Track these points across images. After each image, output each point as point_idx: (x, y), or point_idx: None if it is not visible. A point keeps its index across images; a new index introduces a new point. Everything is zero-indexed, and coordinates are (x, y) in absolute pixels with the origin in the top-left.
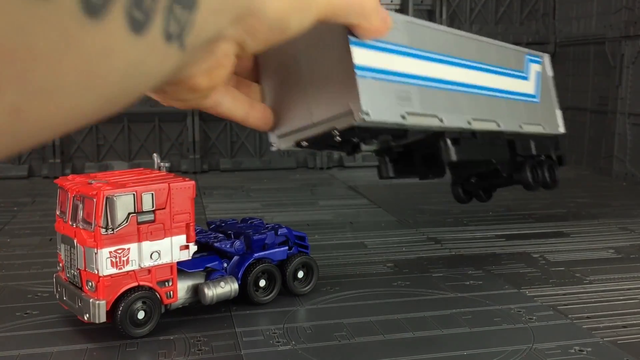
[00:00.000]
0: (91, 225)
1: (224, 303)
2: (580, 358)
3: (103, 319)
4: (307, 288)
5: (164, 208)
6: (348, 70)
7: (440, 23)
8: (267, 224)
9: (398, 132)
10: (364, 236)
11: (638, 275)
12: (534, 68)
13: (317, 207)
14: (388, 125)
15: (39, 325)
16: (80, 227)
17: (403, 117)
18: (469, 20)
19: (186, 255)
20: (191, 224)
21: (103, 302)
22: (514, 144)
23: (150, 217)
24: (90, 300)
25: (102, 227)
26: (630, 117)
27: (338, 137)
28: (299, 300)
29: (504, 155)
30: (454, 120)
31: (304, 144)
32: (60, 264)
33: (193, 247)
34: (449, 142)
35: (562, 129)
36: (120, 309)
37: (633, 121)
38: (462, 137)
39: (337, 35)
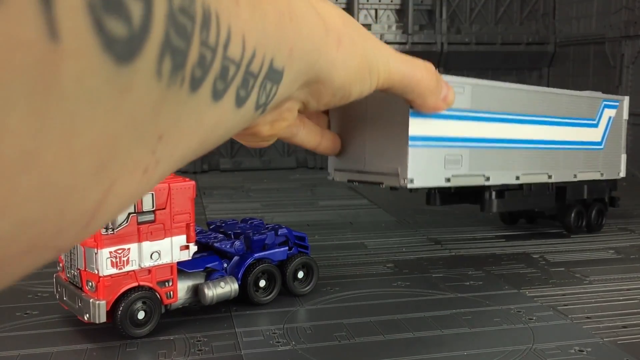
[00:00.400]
0: None
1: (224, 303)
2: (580, 358)
3: (103, 319)
4: (307, 288)
5: (164, 208)
6: (403, 136)
7: (440, 23)
8: (267, 224)
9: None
10: (364, 236)
11: (638, 276)
12: (608, 113)
13: (317, 207)
14: (432, 186)
15: (39, 325)
16: None
17: (448, 180)
18: (469, 20)
19: (186, 256)
20: (191, 224)
21: (103, 302)
22: (564, 189)
23: (151, 217)
24: (91, 301)
25: (102, 227)
26: (630, 117)
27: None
28: (299, 300)
29: (550, 204)
30: (501, 177)
31: (356, 183)
32: (61, 264)
33: (193, 248)
34: (493, 194)
35: (622, 174)
36: (120, 309)
37: (633, 121)
38: (508, 188)
39: (401, 102)
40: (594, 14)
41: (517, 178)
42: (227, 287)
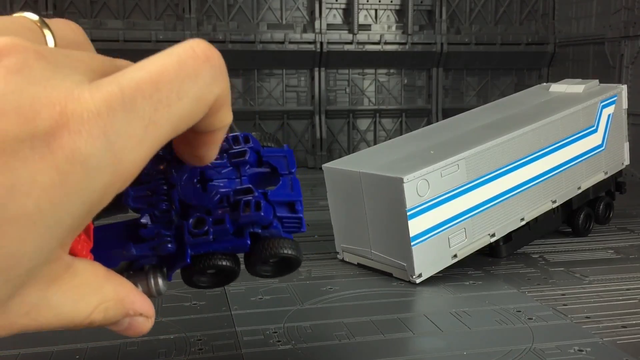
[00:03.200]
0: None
1: (224, 303)
2: (580, 358)
3: None
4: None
5: None
6: (404, 234)
7: (440, 23)
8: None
9: None
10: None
11: (638, 276)
12: (607, 112)
13: (317, 207)
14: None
15: None
16: None
17: (455, 256)
18: (468, 20)
19: None
20: None
21: None
22: (570, 200)
23: None
24: None
25: None
26: (630, 117)
27: None
28: (299, 300)
29: (558, 223)
30: (506, 227)
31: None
32: None
33: None
34: (500, 242)
35: (626, 162)
36: None
37: (633, 121)
38: (515, 231)
39: (400, 204)
40: (594, 14)
41: (522, 219)
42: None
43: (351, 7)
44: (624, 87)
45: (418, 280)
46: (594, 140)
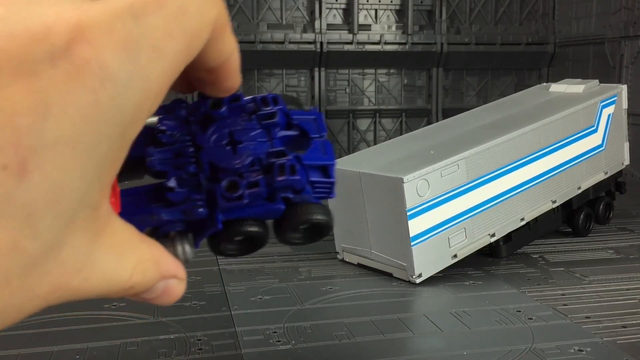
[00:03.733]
0: None
1: (224, 303)
2: (580, 358)
3: None
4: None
5: None
6: (404, 235)
7: (440, 23)
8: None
9: None
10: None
11: (637, 276)
12: (607, 112)
13: None
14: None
15: (39, 324)
16: None
17: (455, 256)
18: (468, 20)
19: None
20: None
21: None
22: (570, 200)
23: None
24: None
25: None
26: (630, 117)
27: None
28: (299, 300)
29: (558, 223)
30: (506, 227)
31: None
32: None
33: None
34: (500, 241)
35: (626, 162)
36: None
37: (633, 121)
38: (515, 231)
39: (400, 204)
40: (594, 14)
41: (522, 219)
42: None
43: (351, 7)
44: (624, 87)
45: (418, 280)
46: (594, 140)
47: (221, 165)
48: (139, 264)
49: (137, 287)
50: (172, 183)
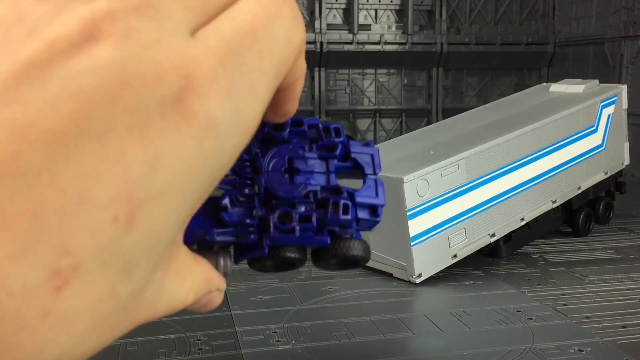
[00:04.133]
0: None
1: (224, 303)
2: (580, 358)
3: None
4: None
5: None
6: (404, 234)
7: (440, 23)
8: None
9: None
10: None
11: (637, 276)
12: (607, 112)
13: None
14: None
15: None
16: None
17: (455, 256)
18: (468, 20)
19: None
20: None
21: None
22: (569, 200)
23: None
24: None
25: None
26: (629, 117)
27: None
28: (299, 300)
29: (558, 223)
30: (506, 228)
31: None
32: None
33: None
34: (500, 241)
35: (626, 162)
36: None
37: (633, 121)
38: (515, 231)
39: (400, 204)
40: (594, 14)
41: (522, 219)
42: None
43: (351, 7)
44: (624, 87)
45: (418, 280)
46: (594, 140)
47: (277, 194)
48: (194, 285)
49: (188, 305)
50: (225, 201)
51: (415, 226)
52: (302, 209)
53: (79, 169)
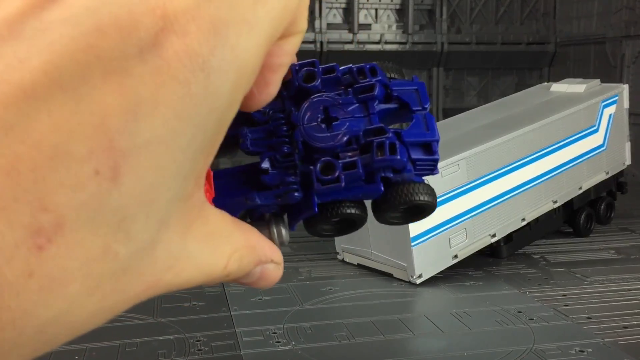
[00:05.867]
0: None
1: (224, 303)
2: (581, 359)
3: None
4: None
5: None
6: (404, 235)
7: (441, 22)
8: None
9: None
10: None
11: (639, 276)
12: (608, 112)
13: None
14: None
15: None
16: None
17: (455, 257)
18: (469, 20)
19: None
20: None
21: None
22: (571, 200)
23: None
24: None
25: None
26: (630, 117)
27: None
28: (299, 301)
29: (559, 224)
30: (507, 228)
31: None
32: None
33: None
34: (501, 241)
35: (628, 162)
36: None
37: (633, 121)
38: (516, 231)
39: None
40: (595, 13)
41: (523, 219)
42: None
43: (351, 6)
44: (625, 86)
45: (418, 281)
46: (595, 140)
47: (315, 145)
48: (235, 251)
49: (234, 274)
50: (265, 164)
51: (416, 226)
52: (347, 157)
53: (52, 122)
